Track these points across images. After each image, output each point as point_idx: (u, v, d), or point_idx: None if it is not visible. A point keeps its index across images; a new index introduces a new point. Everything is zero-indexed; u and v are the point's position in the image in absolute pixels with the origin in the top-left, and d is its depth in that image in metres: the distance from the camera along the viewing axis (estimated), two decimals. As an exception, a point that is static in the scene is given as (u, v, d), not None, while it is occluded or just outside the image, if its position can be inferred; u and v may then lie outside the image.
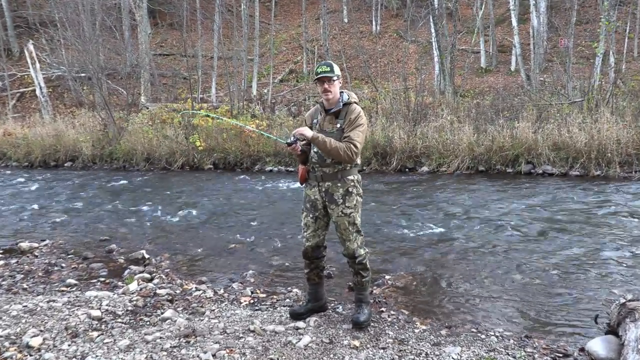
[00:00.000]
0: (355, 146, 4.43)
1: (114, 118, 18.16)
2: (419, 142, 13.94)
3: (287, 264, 6.82)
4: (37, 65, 23.47)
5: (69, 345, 4.26)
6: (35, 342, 4.26)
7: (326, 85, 4.44)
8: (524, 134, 12.88)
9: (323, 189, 4.56)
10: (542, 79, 19.83)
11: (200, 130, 16.60)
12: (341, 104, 4.54)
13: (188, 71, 23.16)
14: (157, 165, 16.45)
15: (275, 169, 15.10)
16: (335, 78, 4.45)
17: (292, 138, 4.46)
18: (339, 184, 4.52)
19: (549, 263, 6.40)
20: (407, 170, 13.81)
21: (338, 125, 4.51)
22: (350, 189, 4.53)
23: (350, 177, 4.56)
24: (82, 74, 23.71)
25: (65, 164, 17.67)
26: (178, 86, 26.15)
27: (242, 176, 14.40)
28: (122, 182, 14.22)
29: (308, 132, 4.40)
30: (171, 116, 18.57)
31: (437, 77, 21.54)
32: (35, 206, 11.11)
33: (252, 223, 9.13)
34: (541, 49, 21.52)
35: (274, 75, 25.80)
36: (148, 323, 4.79)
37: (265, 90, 24.05)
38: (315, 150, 4.54)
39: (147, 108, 21.92)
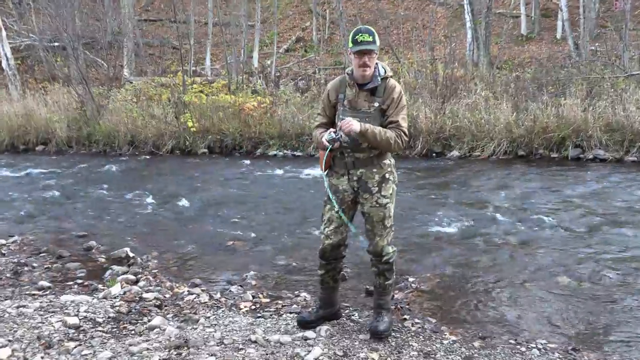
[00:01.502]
0: (406, 134, 4.44)
1: (92, 94, 18.17)
2: (448, 122, 13.88)
3: (294, 264, 6.83)
4: (3, 33, 23.49)
5: (41, 357, 4.28)
6: (3, 353, 4.28)
7: (366, 59, 4.34)
8: (571, 112, 12.79)
9: (355, 177, 4.53)
10: (593, 48, 19.65)
11: (192, 109, 16.61)
12: (379, 79, 4.46)
13: (178, 40, 23.11)
14: (142, 149, 16.48)
15: (281, 153, 15.09)
16: (377, 51, 4.38)
17: (332, 135, 4.34)
18: (375, 170, 4.50)
19: (601, 264, 6.37)
20: (434, 154, 13.77)
21: (376, 105, 4.44)
22: (387, 175, 4.52)
23: (387, 161, 4.54)
24: (56, 44, 23.73)
25: (37, 148, 17.73)
26: (167, 57, 26.17)
27: (241, 162, 14.41)
28: (102, 168, 14.26)
29: (356, 126, 4.29)
30: (159, 92, 18.57)
31: (470, 46, 21.40)
32: (1, 196, 11.18)
33: (253, 216, 9.14)
34: (592, 13, 21.34)
35: (278, 45, 25.74)
36: (133, 332, 4.81)
37: (268, 62, 24.00)
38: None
39: (131, 83, 21.92)
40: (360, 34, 4.33)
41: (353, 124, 4.28)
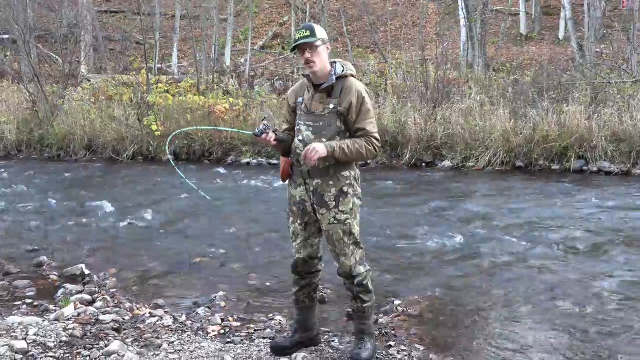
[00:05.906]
0: (377, 139, 4.48)
1: (45, 93, 18.06)
2: (439, 130, 13.94)
3: (268, 283, 6.82)
4: (-53, 23, 23.34)
5: (-15, 385, 4.25)
6: (-58, 381, 4.24)
7: (308, 55, 4.41)
8: (574, 120, 12.89)
9: (311, 188, 4.54)
10: (598, 50, 19.88)
11: (157, 111, 16.55)
12: (334, 77, 4.50)
13: (142, 34, 23.08)
14: (101, 154, 16.40)
15: (254, 161, 15.07)
16: (318, 43, 4.42)
17: (261, 127, 4.45)
18: (331, 182, 4.49)
19: (606, 286, 6.41)
20: (423, 165, 13.82)
21: (331, 106, 4.47)
22: (345, 189, 4.51)
23: (346, 173, 4.53)
24: (5, 36, 23.60)
25: (-19, 152, 17.59)
26: (129, 53, 26.06)
27: (211, 170, 14.36)
28: (55, 175, 14.16)
29: (322, 149, 4.30)
30: (120, 92, 18.49)
31: (464, 45, 21.57)
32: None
33: (223, 231, 9.11)
34: (598, 12, 21.57)
35: (253, 41, 25.77)
36: (88, 358, 4.78)
37: (242, 60, 24.04)
38: (300, 138, 4.52)
39: (89, 81, 21.85)
40: (297, 32, 4.49)
41: (319, 151, 4.29)
